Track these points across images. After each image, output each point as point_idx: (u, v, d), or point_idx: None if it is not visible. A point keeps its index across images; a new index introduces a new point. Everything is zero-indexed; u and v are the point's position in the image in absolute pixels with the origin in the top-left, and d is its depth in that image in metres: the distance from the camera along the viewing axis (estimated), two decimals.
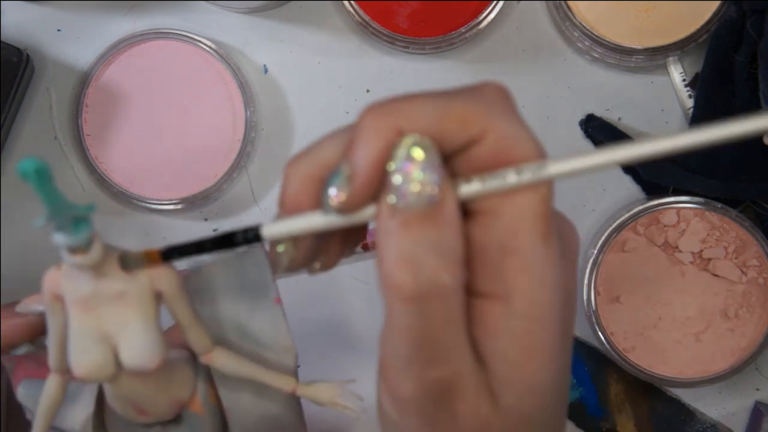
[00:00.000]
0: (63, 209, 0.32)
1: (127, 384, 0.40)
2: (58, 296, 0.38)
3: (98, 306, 0.37)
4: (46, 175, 0.31)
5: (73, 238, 0.33)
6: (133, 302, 0.37)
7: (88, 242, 0.34)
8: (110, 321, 0.37)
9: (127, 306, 0.37)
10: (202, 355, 0.42)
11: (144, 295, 0.38)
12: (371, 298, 0.60)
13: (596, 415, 0.60)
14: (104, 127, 0.58)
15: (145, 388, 0.41)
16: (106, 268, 0.36)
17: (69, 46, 0.59)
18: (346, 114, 0.60)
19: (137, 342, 0.38)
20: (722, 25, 0.56)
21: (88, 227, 0.34)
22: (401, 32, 0.57)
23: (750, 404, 0.60)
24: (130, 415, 0.42)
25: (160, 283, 0.38)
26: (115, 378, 0.39)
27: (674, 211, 0.57)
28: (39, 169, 0.31)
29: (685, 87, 0.59)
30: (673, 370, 0.57)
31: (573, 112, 0.60)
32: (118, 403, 0.41)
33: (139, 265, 0.37)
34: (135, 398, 0.41)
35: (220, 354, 0.42)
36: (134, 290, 0.37)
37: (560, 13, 0.58)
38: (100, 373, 0.38)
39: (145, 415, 0.42)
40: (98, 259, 0.35)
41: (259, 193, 0.60)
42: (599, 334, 0.57)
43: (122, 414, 0.42)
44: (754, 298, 0.56)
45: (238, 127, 0.58)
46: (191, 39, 0.58)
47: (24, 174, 0.31)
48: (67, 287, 0.37)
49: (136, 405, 0.41)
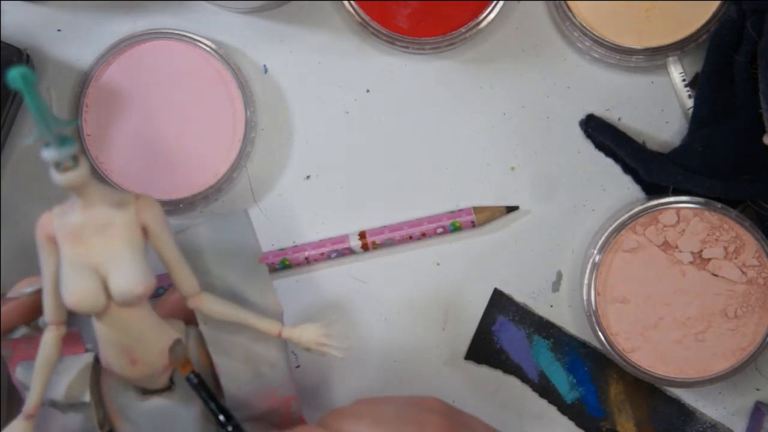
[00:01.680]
0: (50, 122, 0.35)
1: (119, 321, 0.41)
2: (51, 237, 0.40)
3: (88, 237, 0.39)
4: (31, 80, 0.34)
5: (61, 152, 0.36)
6: (120, 232, 0.39)
7: (74, 158, 0.37)
8: (99, 252, 0.39)
9: (114, 236, 0.39)
10: (190, 297, 0.43)
11: (131, 225, 0.40)
12: (371, 298, 0.60)
13: (596, 415, 0.60)
14: (104, 127, 0.58)
15: (136, 328, 0.41)
16: (93, 198, 0.39)
17: (69, 46, 0.59)
18: (346, 114, 0.60)
19: (125, 269, 0.39)
20: (722, 25, 0.56)
21: (74, 144, 0.37)
22: (401, 32, 0.57)
23: (750, 404, 0.60)
24: (124, 369, 0.42)
25: (145, 216, 0.40)
26: (106, 311, 0.40)
27: (674, 211, 0.57)
28: (24, 74, 0.34)
29: (685, 87, 0.59)
30: (674, 370, 0.57)
31: (573, 112, 0.60)
32: (112, 352, 0.42)
33: (179, 359, 0.42)
34: (127, 342, 0.42)
35: (208, 297, 0.43)
36: (121, 220, 0.39)
37: (560, 13, 0.58)
38: (90, 301, 0.39)
39: (137, 365, 0.42)
40: (86, 176, 0.38)
41: (259, 193, 0.60)
42: (599, 334, 0.57)
43: (117, 367, 0.43)
44: (754, 298, 0.56)
45: (238, 127, 0.58)
46: (191, 39, 0.58)
47: (12, 80, 0.34)
48: (58, 225, 0.39)
49: (128, 352, 0.42)
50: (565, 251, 0.60)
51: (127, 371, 0.43)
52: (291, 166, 0.60)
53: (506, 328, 0.60)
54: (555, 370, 0.60)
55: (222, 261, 0.46)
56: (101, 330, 0.41)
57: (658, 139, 0.60)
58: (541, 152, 0.60)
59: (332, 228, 0.60)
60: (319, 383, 0.60)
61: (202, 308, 0.43)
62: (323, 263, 0.60)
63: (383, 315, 0.60)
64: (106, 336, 0.41)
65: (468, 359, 0.60)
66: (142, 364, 0.42)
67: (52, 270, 0.40)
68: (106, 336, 0.41)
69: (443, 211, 0.60)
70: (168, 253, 0.42)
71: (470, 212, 0.59)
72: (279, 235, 0.60)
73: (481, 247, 0.60)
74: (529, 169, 0.60)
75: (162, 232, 0.41)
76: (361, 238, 0.59)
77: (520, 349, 0.60)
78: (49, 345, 0.42)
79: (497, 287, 0.60)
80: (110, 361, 0.43)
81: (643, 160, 0.57)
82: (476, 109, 0.60)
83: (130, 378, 0.43)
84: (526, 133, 0.60)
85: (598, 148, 0.60)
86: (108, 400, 0.45)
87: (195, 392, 0.43)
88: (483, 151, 0.60)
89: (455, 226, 0.59)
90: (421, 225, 0.59)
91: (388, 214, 0.60)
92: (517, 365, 0.60)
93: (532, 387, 0.60)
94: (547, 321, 0.60)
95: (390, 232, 0.59)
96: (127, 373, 0.43)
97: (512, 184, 0.60)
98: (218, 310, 0.44)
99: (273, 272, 0.59)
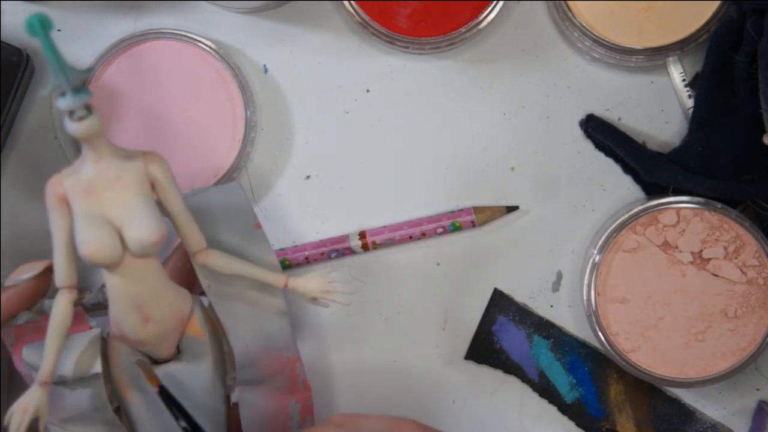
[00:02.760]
0: (66, 70, 0.37)
1: (133, 273, 0.42)
2: (62, 197, 0.41)
3: (101, 190, 0.40)
4: (48, 26, 0.37)
5: (75, 100, 0.38)
6: (131, 183, 0.41)
7: (88, 107, 0.39)
8: (113, 203, 0.40)
9: (126, 188, 0.41)
10: (197, 252, 0.44)
11: (140, 178, 0.41)
12: (371, 298, 0.60)
13: (596, 415, 0.60)
14: (104, 127, 0.58)
15: (149, 281, 0.42)
16: (103, 151, 0.40)
17: (69, 46, 0.59)
18: (345, 114, 0.60)
19: (139, 218, 0.40)
20: (722, 25, 0.56)
21: (88, 92, 0.38)
22: (401, 32, 0.57)
23: (750, 404, 0.60)
24: (137, 328, 0.43)
25: (153, 168, 0.42)
26: (121, 263, 0.41)
27: (674, 211, 0.57)
28: (42, 20, 0.37)
29: (685, 87, 0.59)
30: (674, 370, 0.57)
31: (573, 112, 0.60)
32: (124, 308, 0.43)
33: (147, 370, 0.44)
34: (140, 296, 0.42)
35: (214, 252, 0.44)
36: (131, 172, 0.41)
37: (560, 13, 0.58)
38: (107, 251, 0.40)
39: (149, 323, 0.43)
40: (99, 126, 0.39)
41: (259, 193, 0.60)
42: (599, 334, 0.57)
43: (129, 328, 0.43)
44: (754, 298, 0.56)
45: (238, 127, 0.58)
46: (191, 39, 0.58)
47: (29, 26, 0.37)
48: (69, 184, 0.41)
49: (141, 308, 0.43)
50: (565, 251, 0.60)
51: (140, 330, 0.43)
52: (291, 166, 0.60)
53: (506, 328, 0.60)
54: (555, 370, 0.60)
55: (221, 226, 0.47)
56: (114, 285, 0.42)
57: (658, 139, 0.60)
58: (541, 152, 0.60)
59: (332, 228, 0.60)
60: (319, 383, 0.60)
61: (209, 262, 0.44)
62: (323, 263, 0.60)
63: (383, 315, 0.60)
64: (119, 290, 0.42)
65: (468, 359, 0.60)
66: (153, 323, 0.43)
67: (66, 231, 0.41)
68: (119, 290, 0.42)
69: (443, 211, 0.60)
70: (176, 207, 0.43)
71: (470, 212, 0.59)
72: (279, 235, 0.60)
73: (481, 247, 0.60)
74: (529, 169, 0.60)
75: (170, 185, 0.42)
76: (361, 238, 0.59)
77: (520, 349, 0.60)
78: (62, 308, 0.42)
79: (497, 287, 0.60)
80: (122, 322, 0.43)
81: (643, 160, 0.57)
82: (476, 109, 0.60)
83: (142, 341, 0.44)
84: (526, 133, 0.60)
85: (598, 148, 0.60)
86: (117, 373, 0.45)
87: (165, 404, 0.44)
88: (483, 151, 0.60)
89: (455, 226, 0.59)
90: (421, 225, 0.59)
91: (388, 214, 0.60)
92: (517, 365, 0.60)
93: (532, 387, 0.60)
94: (547, 321, 0.60)
95: (390, 232, 0.59)
96: (139, 333, 0.43)
97: (512, 184, 0.60)
98: (225, 265, 0.44)
99: None
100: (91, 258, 0.40)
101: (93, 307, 0.59)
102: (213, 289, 0.45)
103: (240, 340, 0.46)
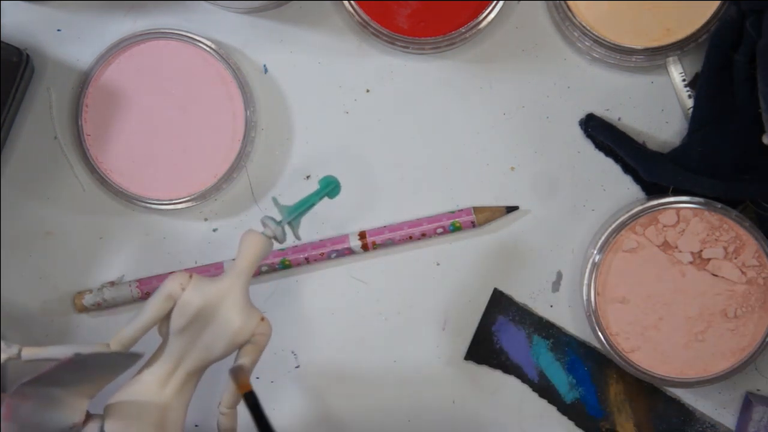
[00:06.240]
0: (296, 216, 0.50)
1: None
2: (172, 297, 0.47)
3: (200, 325, 0.47)
4: (334, 191, 0.52)
5: (282, 236, 0.50)
6: (228, 336, 0.48)
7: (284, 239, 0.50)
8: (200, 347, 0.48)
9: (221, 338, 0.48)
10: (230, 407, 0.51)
11: (240, 337, 0.48)
12: (371, 298, 0.60)
13: (596, 415, 0.60)
14: (104, 127, 0.58)
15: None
16: (242, 287, 0.48)
17: (69, 46, 0.59)
18: (345, 114, 0.60)
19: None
20: (722, 25, 0.56)
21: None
22: (401, 32, 0.57)
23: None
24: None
25: (260, 335, 0.49)
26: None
27: (674, 211, 0.57)
28: (334, 185, 0.51)
29: (685, 87, 0.59)
30: (674, 370, 0.57)
31: (573, 112, 0.60)
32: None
33: (236, 380, 0.47)
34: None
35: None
36: (236, 326, 0.48)
37: (560, 13, 0.58)
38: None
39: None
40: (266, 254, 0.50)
41: (259, 193, 0.60)
42: (599, 334, 0.57)
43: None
44: (754, 298, 0.56)
45: (238, 127, 0.58)
46: (191, 39, 0.58)
47: (328, 184, 0.51)
48: (188, 297, 0.47)
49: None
50: (565, 251, 0.60)
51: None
52: (291, 166, 0.60)
53: (506, 328, 0.60)
54: (555, 370, 0.60)
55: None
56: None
57: (658, 139, 0.60)
58: (541, 152, 0.60)
59: (332, 228, 0.60)
60: (319, 383, 0.60)
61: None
62: (323, 263, 0.60)
63: (383, 315, 0.60)
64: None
65: (468, 359, 0.60)
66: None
67: (154, 319, 0.48)
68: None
69: (443, 211, 0.60)
70: (252, 363, 0.49)
71: (470, 212, 0.59)
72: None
73: (481, 247, 0.60)
74: (529, 169, 0.60)
75: (261, 350, 0.49)
76: (361, 238, 0.59)
77: (520, 349, 0.60)
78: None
79: (497, 287, 0.60)
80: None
81: (643, 160, 0.57)
82: (476, 109, 0.60)
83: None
84: (526, 133, 0.60)
85: (598, 148, 0.60)
86: None
87: (250, 412, 0.47)
88: (483, 151, 0.60)
89: (455, 226, 0.59)
90: (421, 225, 0.59)
91: (388, 214, 0.60)
92: (517, 365, 0.60)
93: (532, 387, 0.60)
94: (547, 321, 0.60)
95: (390, 232, 0.59)
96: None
97: (512, 184, 0.60)
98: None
99: (273, 272, 0.59)
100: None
101: (93, 307, 0.59)
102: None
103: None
